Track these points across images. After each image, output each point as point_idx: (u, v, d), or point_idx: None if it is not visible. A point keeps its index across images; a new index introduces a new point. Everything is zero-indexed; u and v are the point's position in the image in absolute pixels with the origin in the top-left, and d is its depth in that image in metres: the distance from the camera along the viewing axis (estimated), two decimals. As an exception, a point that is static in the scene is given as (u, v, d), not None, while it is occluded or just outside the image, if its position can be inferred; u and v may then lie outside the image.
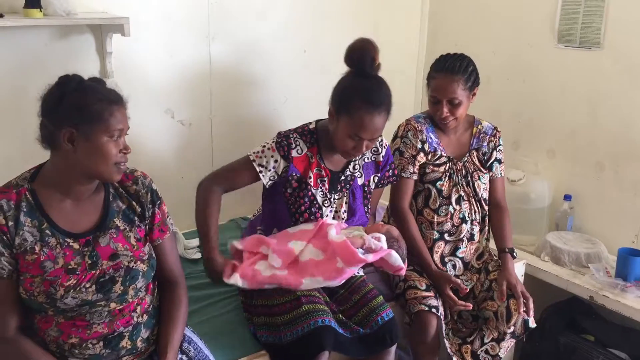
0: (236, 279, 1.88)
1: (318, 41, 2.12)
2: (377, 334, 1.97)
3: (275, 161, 2.03)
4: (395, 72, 3.27)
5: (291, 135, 2.05)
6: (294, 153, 2.04)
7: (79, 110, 1.50)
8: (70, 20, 2.16)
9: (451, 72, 2.27)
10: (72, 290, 1.53)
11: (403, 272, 2.04)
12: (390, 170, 2.24)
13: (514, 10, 3.07)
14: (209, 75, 2.74)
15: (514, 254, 2.38)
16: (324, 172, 2.08)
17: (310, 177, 2.05)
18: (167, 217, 1.78)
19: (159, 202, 1.74)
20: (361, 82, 1.98)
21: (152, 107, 2.59)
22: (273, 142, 2.05)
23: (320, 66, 2.11)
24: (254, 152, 2.05)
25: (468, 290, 2.29)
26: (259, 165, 2.03)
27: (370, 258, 1.93)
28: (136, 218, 1.69)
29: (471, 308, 2.26)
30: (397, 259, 1.98)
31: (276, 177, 2.05)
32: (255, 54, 2.86)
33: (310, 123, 2.13)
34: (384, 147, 2.21)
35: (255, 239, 2.02)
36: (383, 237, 2.00)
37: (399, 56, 3.40)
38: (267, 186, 2.06)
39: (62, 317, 1.56)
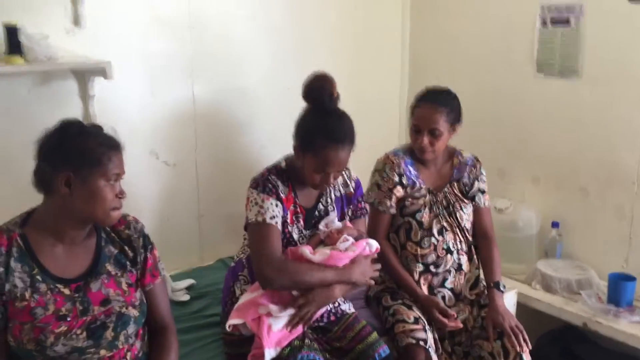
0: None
1: (301, 78, 2.16)
2: None
3: (276, 205, 1.97)
4: (376, 104, 3.33)
5: (270, 178, 2.01)
6: (281, 194, 2.01)
7: (80, 154, 1.51)
8: (52, 65, 2.17)
9: (435, 102, 2.30)
10: (62, 337, 1.50)
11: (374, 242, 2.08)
12: (362, 203, 2.24)
13: (493, 41, 3.12)
14: (193, 116, 2.74)
15: (502, 288, 2.36)
16: (299, 209, 2.07)
17: (287, 216, 2.04)
18: (159, 261, 1.76)
19: (150, 246, 1.73)
20: (321, 119, 1.98)
21: (137, 148, 2.57)
22: (257, 193, 1.97)
23: (304, 103, 2.14)
24: (257, 214, 1.94)
25: (461, 325, 2.27)
26: (271, 217, 1.94)
27: (352, 253, 1.99)
28: (128, 263, 1.67)
29: (462, 327, 2.25)
30: (371, 244, 2.06)
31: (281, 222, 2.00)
32: (240, 93, 2.87)
33: (280, 162, 2.11)
34: (353, 180, 2.21)
35: (246, 306, 1.93)
36: (349, 237, 2.03)
37: (380, 89, 3.44)
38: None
39: (51, 366, 1.52)
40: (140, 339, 1.68)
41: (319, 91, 2.00)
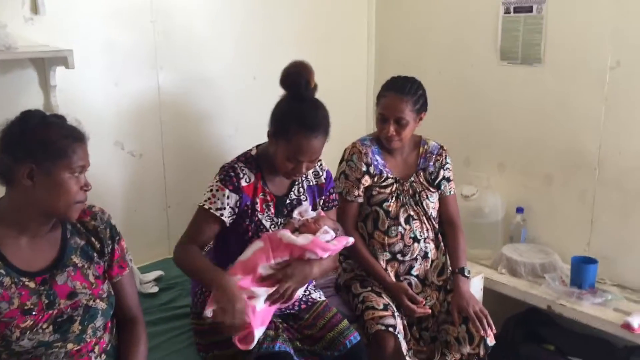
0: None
1: (267, 67, 2.13)
2: (346, 357, 1.96)
3: (227, 197, 1.98)
4: (343, 94, 3.33)
5: (236, 166, 2.02)
6: (242, 182, 2.01)
7: (43, 145, 1.48)
8: (12, 54, 2.10)
9: (401, 92, 2.31)
10: (28, 332, 1.47)
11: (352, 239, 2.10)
12: (333, 194, 2.25)
13: (457, 30, 3.15)
14: (159, 106, 2.70)
15: (466, 273, 2.39)
16: (268, 197, 2.07)
17: (256, 203, 2.04)
18: (126, 253, 1.74)
19: (118, 237, 1.70)
20: (297, 106, 1.98)
21: (101, 139, 2.53)
22: (217, 181, 2.00)
23: (271, 92, 2.12)
24: (206, 201, 1.99)
25: (430, 311, 2.31)
26: (217, 209, 1.97)
27: (333, 246, 2.01)
28: (95, 255, 1.64)
29: (430, 313, 2.29)
30: (349, 242, 2.09)
31: (234, 213, 2.01)
32: (205, 83, 2.84)
33: (252, 149, 2.12)
34: (324, 170, 2.22)
35: None
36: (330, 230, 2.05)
37: (347, 78, 3.44)
38: (228, 225, 2.01)
39: (17, 360, 1.49)
40: (108, 332, 1.65)
41: (296, 78, 1.98)
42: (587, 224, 2.80)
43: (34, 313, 1.50)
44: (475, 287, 2.68)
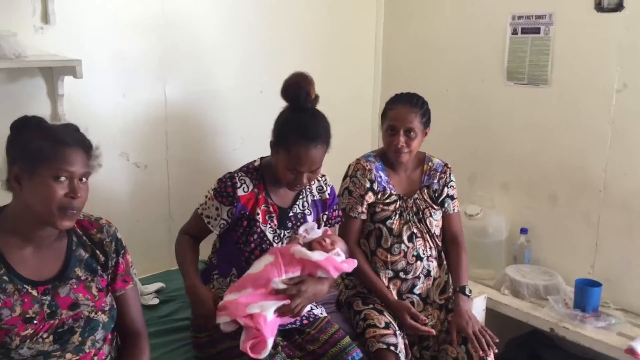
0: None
1: (274, 82, 2.15)
2: None
3: (217, 209, 2.04)
4: (349, 109, 3.34)
5: (236, 175, 2.06)
6: (239, 192, 2.03)
7: (27, 149, 1.47)
8: (21, 63, 2.12)
9: (409, 103, 2.33)
10: (28, 341, 1.46)
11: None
12: (336, 211, 2.25)
13: (465, 48, 3.16)
14: (165, 117, 2.71)
15: (467, 292, 2.37)
16: (271, 208, 2.08)
17: (258, 214, 2.05)
18: (131, 267, 1.73)
19: (123, 251, 1.69)
20: (297, 116, 2.01)
21: (107, 149, 2.48)
22: (213, 189, 2.07)
23: (278, 106, 2.13)
24: (201, 205, 2.10)
25: (434, 332, 2.27)
26: (207, 217, 2.07)
27: (345, 267, 2.08)
28: (99, 267, 1.63)
29: (434, 333, 2.26)
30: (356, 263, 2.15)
31: (227, 223, 2.05)
32: (212, 95, 2.85)
33: (255, 160, 2.14)
34: (329, 186, 2.23)
35: (233, 305, 1.89)
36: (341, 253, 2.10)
37: (353, 93, 3.45)
38: (217, 234, 2.10)
39: (15, 368, 1.48)
40: (108, 344, 1.64)
41: (296, 89, 2.01)
42: (592, 246, 2.79)
43: (35, 322, 1.48)
44: (477, 307, 2.66)
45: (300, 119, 1.99)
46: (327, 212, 2.21)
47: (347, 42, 3.37)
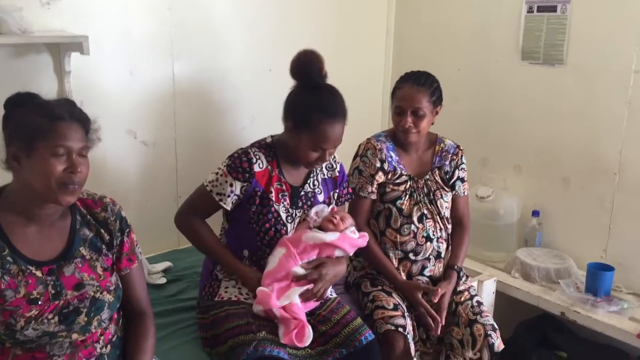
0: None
1: (283, 60, 2.11)
2: (361, 354, 1.93)
3: (231, 185, 1.99)
4: (359, 89, 3.30)
5: (250, 150, 2.02)
6: (256, 168, 2.00)
7: (17, 126, 1.45)
8: (27, 38, 2.09)
9: (417, 83, 2.29)
10: (33, 322, 1.44)
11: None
12: (346, 188, 2.24)
13: (478, 27, 3.10)
14: (173, 95, 2.68)
15: (461, 274, 2.38)
16: (284, 187, 2.05)
17: (271, 192, 2.02)
18: (136, 245, 1.71)
19: (128, 230, 1.67)
20: (314, 94, 1.98)
21: (114, 127, 2.51)
22: (225, 166, 2.01)
23: (287, 85, 2.10)
24: (209, 182, 2.02)
25: (442, 321, 2.25)
26: (217, 194, 2.00)
27: (361, 242, 2.13)
28: (104, 246, 1.61)
29: (443, 324, 2.24)
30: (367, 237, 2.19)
31: (239, 199, 2.01)
32: (221, 74, 2.82)
33: (266, 138, 2.11)
34: (338, 164, 2.22)
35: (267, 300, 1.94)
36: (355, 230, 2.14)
37: (364, 73, 3.41)
38: (230, 210, 2.03)
39: (20, 349, 1.47)
40: (114, 323, 1.63)
41: (308, 66, 1.98)
42: (605, 229, 2.75)
43: (39, 303, 1.47)
44: (487, 290, 2.64)
45: (319, 96, 1.97)
46: (337, 190, 2.19)
47: (358, 21, 3.32)
